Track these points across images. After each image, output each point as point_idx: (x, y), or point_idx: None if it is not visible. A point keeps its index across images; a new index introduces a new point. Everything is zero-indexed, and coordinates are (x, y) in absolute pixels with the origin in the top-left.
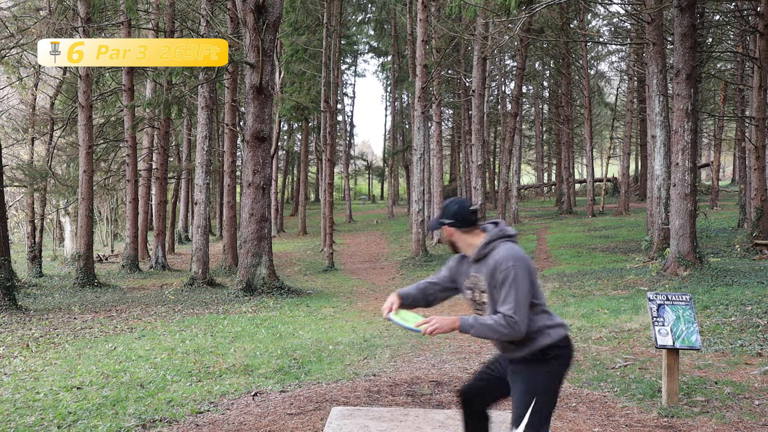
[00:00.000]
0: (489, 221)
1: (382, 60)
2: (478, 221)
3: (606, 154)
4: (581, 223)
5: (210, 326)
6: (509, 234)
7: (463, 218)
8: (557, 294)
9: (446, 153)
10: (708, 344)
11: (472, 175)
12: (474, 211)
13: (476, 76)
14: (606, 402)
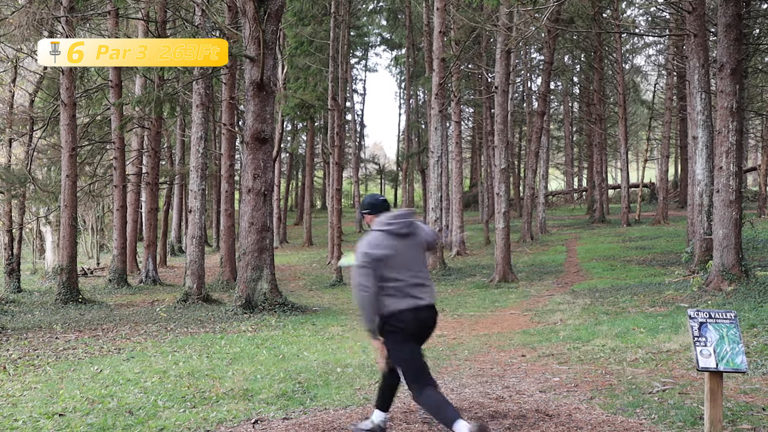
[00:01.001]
0: (400, 210)
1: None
2: (387, 208)
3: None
4: (615, 233)
5: (206, 346)
6: (378, 228)
7: (373, 206)
8: (588, 311)
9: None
10: (755, 366)
11: (495, 180)
12: (384, 200)
13: (499, 71)
14: (642, 430)
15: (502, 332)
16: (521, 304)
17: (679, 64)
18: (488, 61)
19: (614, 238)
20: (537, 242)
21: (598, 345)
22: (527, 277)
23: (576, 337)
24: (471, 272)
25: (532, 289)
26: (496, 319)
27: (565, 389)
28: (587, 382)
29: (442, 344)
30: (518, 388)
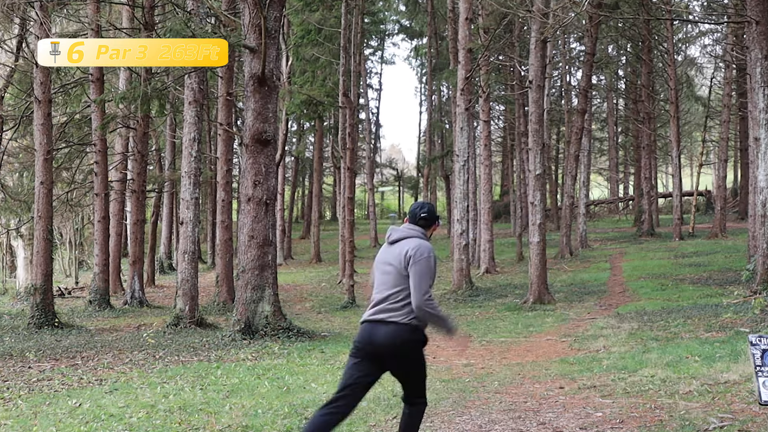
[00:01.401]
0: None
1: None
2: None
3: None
4: (666, 247)
5: (199, 377)
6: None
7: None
8: (635, 337)
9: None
10: None
11: (529, 188)
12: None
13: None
14: None
15: (537, 361)
16: (559, 328)
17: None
18: (521, 52)
19: (665, 254)
20: (577, 258)
21: (647, 375)
22: (566, 297)
23: (621, 367)
24: (501, 292)
25: (572, 311)
26: (531, 345)
27: (609, 426)
28: (634, 417)
29: (469, 374)
30: (556, 425)
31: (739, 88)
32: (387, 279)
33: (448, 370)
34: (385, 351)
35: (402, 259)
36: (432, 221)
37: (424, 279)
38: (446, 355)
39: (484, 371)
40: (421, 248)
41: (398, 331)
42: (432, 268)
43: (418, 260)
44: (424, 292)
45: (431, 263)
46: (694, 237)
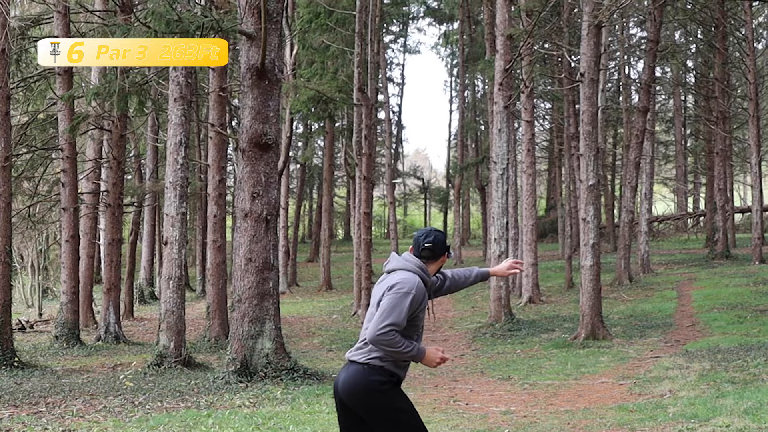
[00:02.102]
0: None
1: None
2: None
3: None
4: (744, 272)
5: (187, 428)
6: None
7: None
8: (707, 378)
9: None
10: None
11: (581, 201)
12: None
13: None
14: None
15: (590, 408)
16: (616, 369)
17: None
18: (571, 40)
19: (743, 280)
20: (637, 285)
21: (721, 425)
22: (624, 332)
23: (691, 415)
24: (548, 326)
25: (631, 349)
26: (582, 389)
27: None
28: None
29: (509, 424)
30: None
31: None
32: (371, 313)
33: (483, 419)
34: (346, 396)
35: (382, 290)
36: (439, 253)
37: (390, 313)
38: (481, 400)
39: (527, 420)
40: (405, 282)
41: (357, 371)
42: (405, 305)
43: (394, 292)
44: (381, 326)
45: (407, 300)
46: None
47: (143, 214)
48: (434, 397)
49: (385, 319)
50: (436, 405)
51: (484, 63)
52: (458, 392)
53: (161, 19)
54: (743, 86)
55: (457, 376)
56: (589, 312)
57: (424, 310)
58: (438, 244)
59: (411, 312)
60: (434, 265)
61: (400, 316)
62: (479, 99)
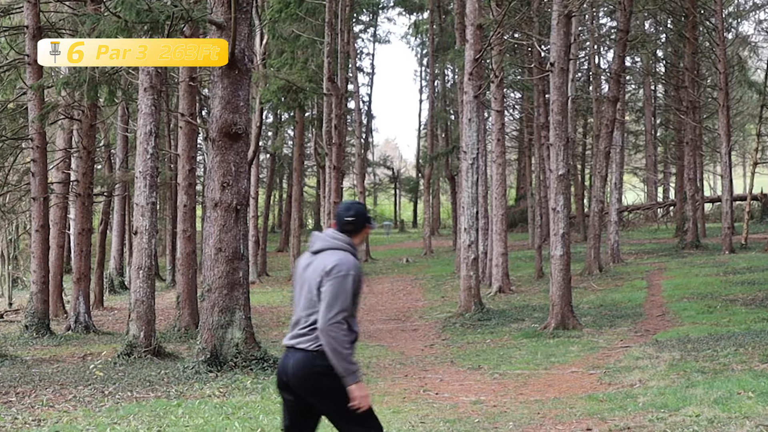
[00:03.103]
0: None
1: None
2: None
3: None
4: (714, 262)
5: (157, 417)
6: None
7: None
8: (677, 368)
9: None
10: None
11: (551, 191)
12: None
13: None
14: None
15: (560, 397)
16: (586, 359)
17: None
18: (542, 29)
19: (712, 270)
20: (607, 275)
21: (691, 415)
22: (594, 322)
23: (660, 405)
24: (518, 316)
25: (601, 338)
26: (552, 379)
27: None
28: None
29: (479, 414)
30: None
31: None
32: (302, 297)
33: (453, 409)
34: (297, 384)
35: (318, 274)
36: (361, 225)
37: (335, 299)
38: (451, 390)
39: (497, 409)
40: (341, 264)
41: (307, 359)
42: (348, 288)
43: (333, 277)
44: (332, 315)
45: (348, 282)
46: (748, 249)
47: (113, 203)
48: (404, 387)
49: (333, 307)
50: (406, 395)
51: (454, 53)
52: (428, 382)
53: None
54: (713, 76)
55: (426, 366)
56: (559, 302)
57: (362, 288)
58: (359, 217)
59: (354, 292)
60: (358, 238)
61: (346, 302)
62: (449, 89)
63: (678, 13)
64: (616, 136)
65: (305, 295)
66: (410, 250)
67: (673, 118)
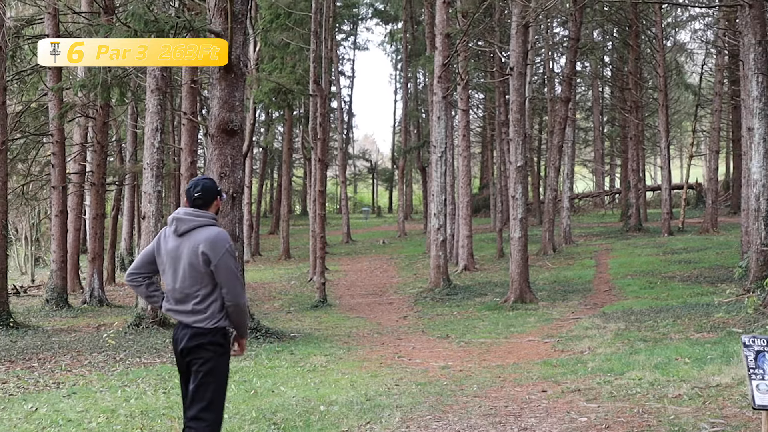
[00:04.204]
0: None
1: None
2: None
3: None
4: (654, 243)
5: (162, 380)
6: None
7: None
8: (622, 337)
9: (475, 151)
10: None
11: (510, 181)
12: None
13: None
14: None
15: (519, 363)
16: (541, 329)
17: (731, 40)
18: (502, 38)
19: (653, 250)
20: (560, 255)
21: (634, 378)
22: (548, 296)
23: (607, 369)
24: (481, 291)
25: (555, 311)
26: (512, 347)
27: (594, 431)
28: (621, 422)
29: (447, 377)
30: (538, 430)
31: (732, 76)
32: (179, 274)
33: (424, 373)
34: (187, 353)
35: (198, 256)
36: (210, 199)
37: (234, 277)
38: (422, 356)
39: (463, 374)
40: (216, 242)
41: (204, 334)
42: (236, 260)
43: (219, 257)
44: (239, 291)
45: (234, 256)
46: (684, 232)
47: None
48: (381, 354)
49: (238, 285)
50: (383, 360)
51: (425, 58)
52: (402, 349)
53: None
54: (654, 79)
55: (401, 335)
56: (518, 278)
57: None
58: (207, 191)
59: None
60: (211, 210)
61: (239, 271)
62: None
63: (623, 23)
64: (568, 132)
65: (189, 273)
66: (386, 233)
67: (618, 116)
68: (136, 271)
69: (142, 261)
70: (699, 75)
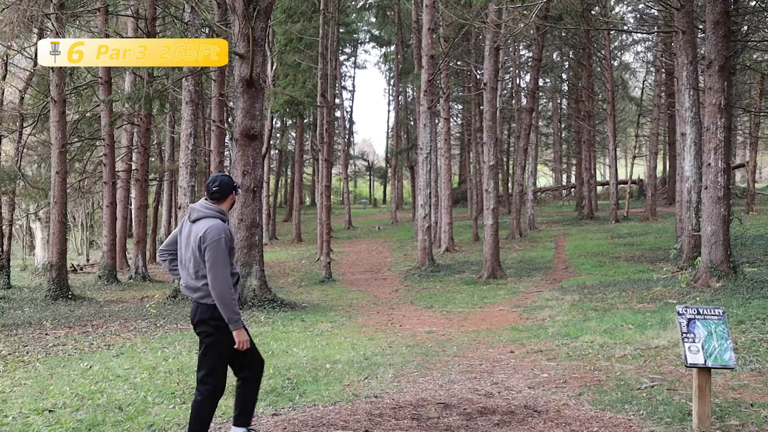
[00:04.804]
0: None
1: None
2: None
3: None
4: (603, 229)
5: (195, 343)
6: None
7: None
8: (577, 308)
9: (455, 152)
10: (743, 363)
11: (484, 177)
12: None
13: (488, 68)
14: (631, 426)
15: (491, 328)
16: (510, 300)
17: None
18: (477, 58)
19: (603, 235)
20: (526, 239)
21: (587, 341)
22: (516, 273)
23: (564, 334)
24: (460, 269)
25: (521, 285)
26: (485, 315)
27: (553, 385)
28: (576, 378)
29: (431, 340)
30: (507, 384)
31: (668, 90)
32: (190, 258)
33: (412, 337)
34: (197, 326)
35: (197, 242)
36: (226, 193)
37: (214, 263)
38: (411, 323)
39: (445, 337)
40: (211, 230)
41: (206, 310)
42: (224, 249)
43: (208, 244)
44: (218, 277)
45: (222, 244)
46: (628, 220)
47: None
48: (376, 321)
49: (218, 270)
50: (378, 326)
51: (413, 76)
52: (394, 317)
53: None
54: (603, 92)
55: (393, 306)
56: (490, 258)
57: (234, 242)
58: (223, 186)
59: (229, 250)
60: (226, 203)
61: (225, 262)
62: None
63: (578, 46)
64: (532, 137)
65: (192, 256)
66: (381, 221)
67: (573, 123)
68: (164, 249)
69: (169, 241)
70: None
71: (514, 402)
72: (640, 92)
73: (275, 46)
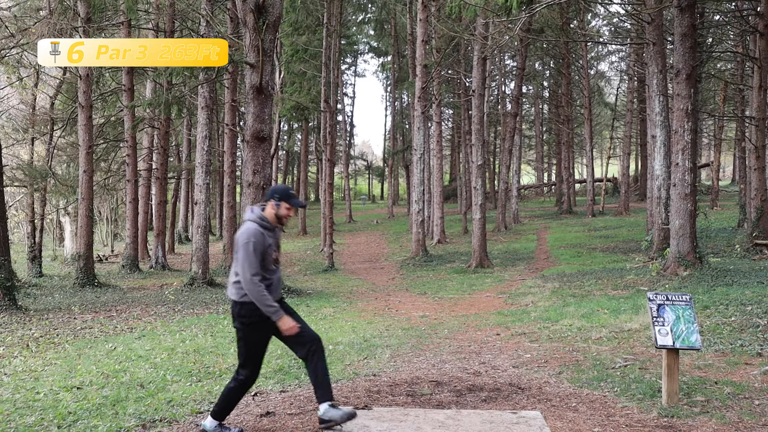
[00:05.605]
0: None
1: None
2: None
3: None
4: (581, 223)
5: (210, 326)
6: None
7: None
8: (557, 294)
9: (446, 153)
10: (708, 344)
11: (472, 175)
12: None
13: (476, 76)
14: (606, 402)
15: (479, 313)
16: (496, 287)
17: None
18: (466, 67)
19: (580, 228)
20: (510, 231)
21: (566, 325)
22: (501, 263)
23: (546, 318)
24: (450, 259)
25: (506, 274)
26: (474, 301)
27: (536, 365)
28: (556, 358)
29: (424, 324)
30: (493, 364)
31: (640, 96)
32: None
33: (407, 320)
34: (234, 318)
35: (235, 243)
36: (267, 200)
37: (245, 263)
38: (406, 308)
39: (437, 321)
40: (241, 234)
41: (234, 306)
42: (250, 252)
43: (239, 246)
44: (246, 276)
45: (250, 248)
46: (604, 214)
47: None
48: (375, 306)
49: (246, 271)
50: (376, 311)
51: (408, 83)
52: (391, 303)
53: None
54: (581, 98)
55: (390, 292)
56: (478, 249)
57: (272, 247)
58: (267, 194)
59: (260, 253)
60: (267, 211)
61: (253, 263)
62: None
63: (558, 56)
64: (516, 139)
65: (235, 256)
66: (379, 215)
67: (554, 126)
68: None
69: None
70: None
71: (500, 380)
72: (615, 98)
73: (283, 57)
